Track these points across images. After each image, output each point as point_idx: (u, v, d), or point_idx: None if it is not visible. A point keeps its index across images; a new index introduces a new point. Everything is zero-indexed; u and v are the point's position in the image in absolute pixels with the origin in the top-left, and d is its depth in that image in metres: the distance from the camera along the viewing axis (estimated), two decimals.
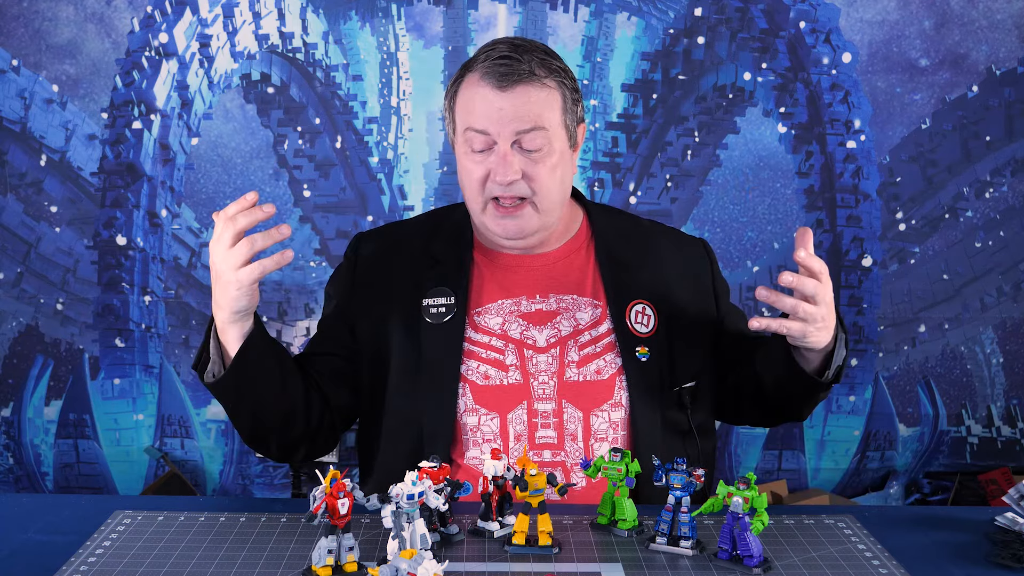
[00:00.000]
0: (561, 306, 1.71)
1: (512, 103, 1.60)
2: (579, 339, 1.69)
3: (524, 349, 1.68)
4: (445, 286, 1.71)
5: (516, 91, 1.60)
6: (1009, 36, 3.49)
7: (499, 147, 1.61)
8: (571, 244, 1.76)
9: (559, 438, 1.65)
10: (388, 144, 3.58)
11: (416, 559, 1.14)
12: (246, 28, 3.49)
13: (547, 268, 1.74)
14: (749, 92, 3.51)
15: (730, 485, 1.33)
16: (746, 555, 1.31)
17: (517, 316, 1.70)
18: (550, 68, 1.64)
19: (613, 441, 1.66)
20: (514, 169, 1.60)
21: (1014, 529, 1.43)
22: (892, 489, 3.59)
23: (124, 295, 3.54)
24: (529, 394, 1.66)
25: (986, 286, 3.59)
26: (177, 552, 1.36)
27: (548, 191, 1.64)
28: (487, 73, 1.61)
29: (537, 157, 1.62)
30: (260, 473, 3.62)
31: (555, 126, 1.64)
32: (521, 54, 1.62)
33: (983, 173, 3.55)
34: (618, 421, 1.66)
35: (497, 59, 1.61)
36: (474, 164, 1.64)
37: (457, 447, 1.66)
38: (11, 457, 3.61)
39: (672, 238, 1.85)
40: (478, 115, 1.62)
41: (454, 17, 3.53)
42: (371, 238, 1.83)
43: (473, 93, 1.63)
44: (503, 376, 1.67)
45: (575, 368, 1.68)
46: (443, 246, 1.76)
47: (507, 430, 1.65)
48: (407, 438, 1.68)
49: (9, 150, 3.50)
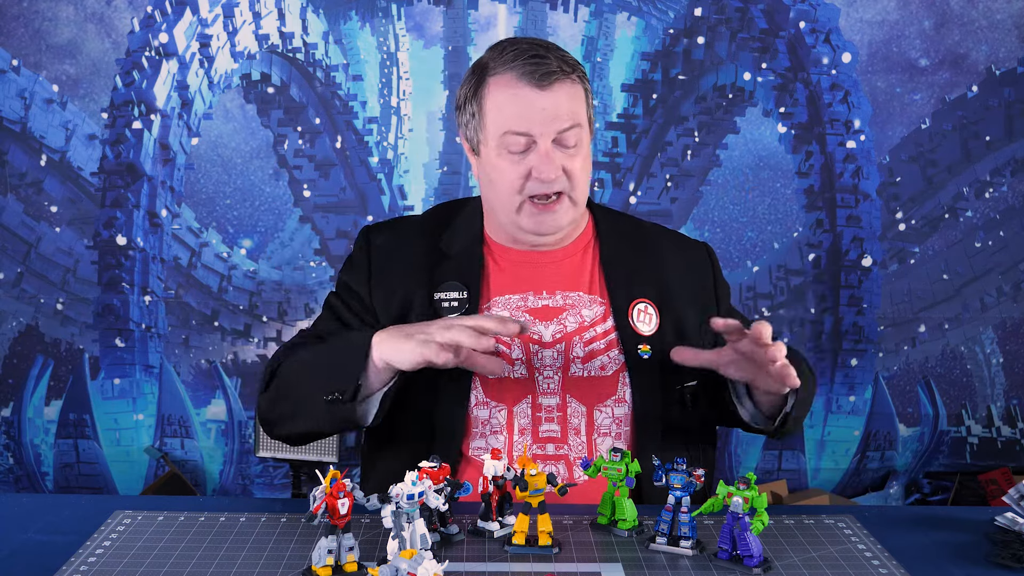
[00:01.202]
0: (567, 303, 1.73)
1: (553, 101, 1.61)
2: (584, 335, 1.71)
3: (530, 344, 1.70)
4: (458, 280, 1.72)
5: (555, 89, 1.61)
6: (1009, 36, 3.49)
7: (540, 146, 1.61)
8: (577, 243, 1.77)
9: (563, 432, 1.67)
10: (388, 144, 3.58)
11: (416, 559, 1.14)
12: (246, 28, 3.49)
13: (555, 265, 1.75)
14: (749, 92, 3.51)
15: (730, 485, 1.33)
16: (746, 555, 1.31)
17: (524, 311, 1.72)
18: (571, 63, 1.66)
19: (616, 436, 1.67)
20: (557, 166, 1.62)
21: (1014, 529, 1.43)
22: (892, 489, 3.59)
23: (124, 295, 3.54)
24: (534, 388, 1.68)
25: (986, 286, 3.59)
26: (177, 552, 1.36)
27: (582, 184, 1.67)
28: (524, 73, 1.60)
29: (573, 152, 1.64)
30: (260, 473, 3.62)
31: (584, 121, 1.66)
32: (547, 52, 1.63)
33: (983, 173, 3.55)
34: (621, 417, 1.68)
35: (529, 59, 1.61)
36: (511, 164, 1.63)
37: (467, 440, 1.68)
38: (11, 457, 3.61)
39: (674, 241, 1.87)
40: (518, 116, 1.61)
41: (454, 17, 3.53)
42: (381, 230, 1.82)
43: (511, 94, 1.62)
44: (510, 370, 1.68)
45: (580, 364, 1.69)
46: (454, 241, 1.77)
47: (512, 423, 1.67)
48: (420, 432, 1.68)
49: (9, 150, 3.50)
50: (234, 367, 3.61)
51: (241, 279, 3.60)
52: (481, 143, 1.69)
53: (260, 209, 3.58)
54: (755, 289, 3.58)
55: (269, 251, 3.60)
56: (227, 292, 3.60)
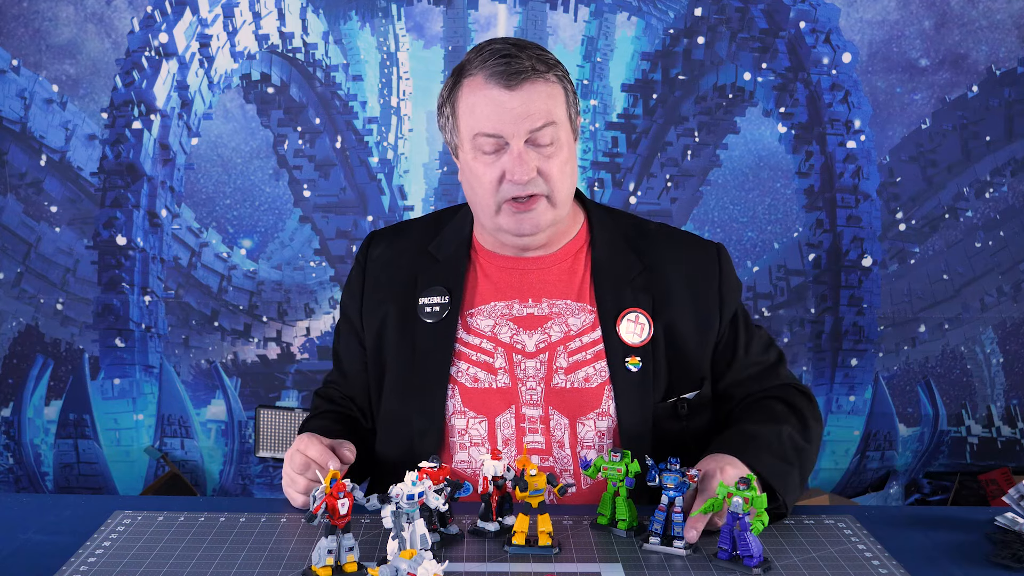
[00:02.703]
0: (554, 311, 1.69)
1: (522, 101, 1.57)
2: (569, 345, 1.67)
3: (513, 353, 1.67)
4: (441, 284, 1.70)
5: (524, 89, 1.58)
6: (1009, 36, 3.49)
7: (513, 147, 1.58)
8: (569, 248, 1.73)
9: (547, 444, 1.64)
10: (388, 144, 3.58)
11: (416, 559, 1.14)
12: (246, 28, 3.49)
13: (543, 272, 1.71)
14: (749, 92, 3.51)
15: (730, 485, 1.33)
16: (746, 555, 1.31)
17: (508, 320, 1.69)
18: (548, 63, 1.62)
19: (600, 450, 1.64)
20: (530, 168, 1.58)
21: (1014, 529, 1.43)
22: (892, 489, 3.59)
23: (124, 295, 3.54)
24: (517, 399, 1.65)
25: (986, 286, 3.59)
26: (177, 552, 1.36)
27: (561, 185, 1.62)
28: (492, 74, 1.58)
29: (550, 152, 1.60)
30: (260, 473, 3.62)
31: (563, 119, 1.62)
32: (520, 50, 1.60)
33: (983, 173, 3.55)
34: (604, 430, 1.64)
35: (499, 59, 1.58)
36: (485, 167, 1.61)
37: (446, 450, 1.66)
38: (11, 457, 3.61)
39: (680, 242, 1.78)
40: (487, 118, 1.59)
41: (454, 17, 3.53)
42: (382, 238, 1.82)
43: (479, 96, 1.59)
44: (492, 379, 1.66)
45: (563, 375, 1.65)
46: (443, 244, 1.75)
47: (495, 434, 1.65)
48: (398, 438, 1.68)
49: (9, 150, 3.50)
50: (234, 367, 3.61)
51: (241, 279, 3.60)
52: (458, 146, 1.67)
53: (260, 209, 3.58)
54: (755, 289, 3.58)
55: (269, 251, 3.60)
56: (227, 292, 3.60)
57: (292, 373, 3.62)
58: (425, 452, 1.59)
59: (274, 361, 3.62)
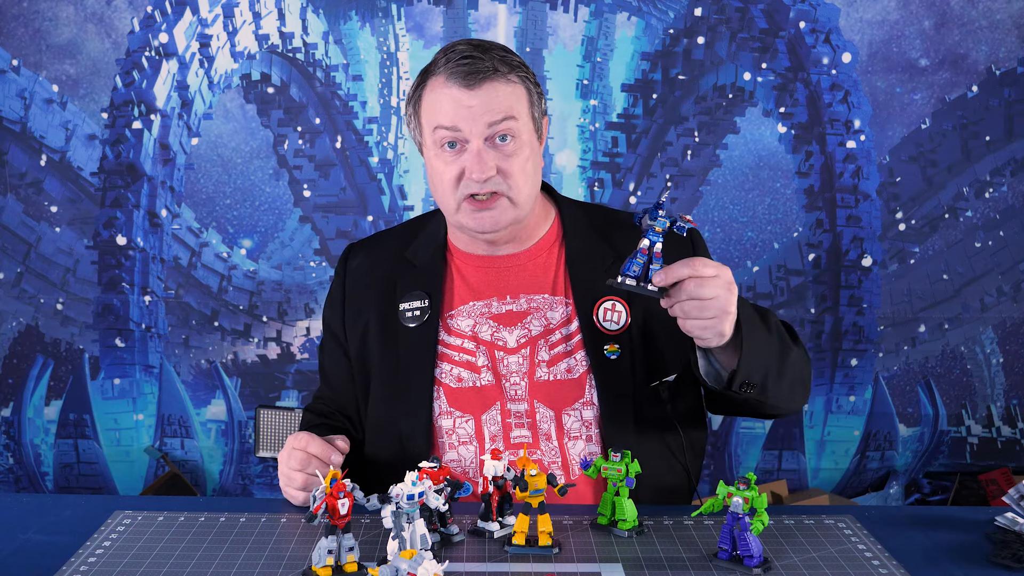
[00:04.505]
0: (532, 306, 1.72)
1: (481, 100, 1.60)
2: (549, 338, 1.69)
3: (495, 351, 1.69)
4: (420, 289, 1.73)
5: (484, 88, 1.60)
6: (1009, 36, 3.49)
7: (472, 145, 1.61)
8: (542, 243, 1.76)
9: (534, 438, 1.66)
10: (388, 144, 3.58)
11: (416, 559, 1.14)
12: (246, 28, 3.49)
13: (518, 268, 1.74)
14: (749, 92, 3.51)
15: (730, 485, 1.33)
16: (746, 555, 1.31)
17: (488, 318, 1.71)
18: (512, 64, 1.64)
19: (587, 439, 1.66)
20: (489, 166, 1.60)
21: (1014, 529, 1.43)
22: (892, 489, 3.59)
23: (124, 295, 3.54)
24: (502, 395, 1.67)
25: (986, 286, 3.59)
26: (177, 552, 1.36)
27: (522, 184, 1.65)
28: (452, 74, 1.61)
29: (509, 150, 1.62)
30: (260, 473, 3.62)
31: (524, 117, 1.64)
32: (482, 52, 1.62)
33: (983, 173, 3.55)
34: (590, 420, 1.66)
35: (460, 60, 1.61)
36: (446, 165, 1.64)
37: (435, 451, 1.68)
38: (11, 457, 3.61)
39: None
40: (445, 113, 1.61)
41: (454, 17, 3.53)
42: (360, 249, 1.86)
43: (439, 95, 1.63)
44: (476, 378, 1.68)
45: (545, 368, 1.68)
46: (419, 250, 1.79)
47: (482, 431, 1.66)
48: (387, 442, 1.70)
49: (9, 150, 3.50)
50: (234, 367, 3.61)
51: (241, 279, 3.60)
52: (422, 144, 1.70)
53: (260, 209, 3.58)
54: (755, 289, 3.58)
55: (269, 251, 3.60)
56: (227, 292, 3.60)
57: (292, 373, 3.62)
58: (414, 454, 1.61)
59: (274, 361, 3.62)
